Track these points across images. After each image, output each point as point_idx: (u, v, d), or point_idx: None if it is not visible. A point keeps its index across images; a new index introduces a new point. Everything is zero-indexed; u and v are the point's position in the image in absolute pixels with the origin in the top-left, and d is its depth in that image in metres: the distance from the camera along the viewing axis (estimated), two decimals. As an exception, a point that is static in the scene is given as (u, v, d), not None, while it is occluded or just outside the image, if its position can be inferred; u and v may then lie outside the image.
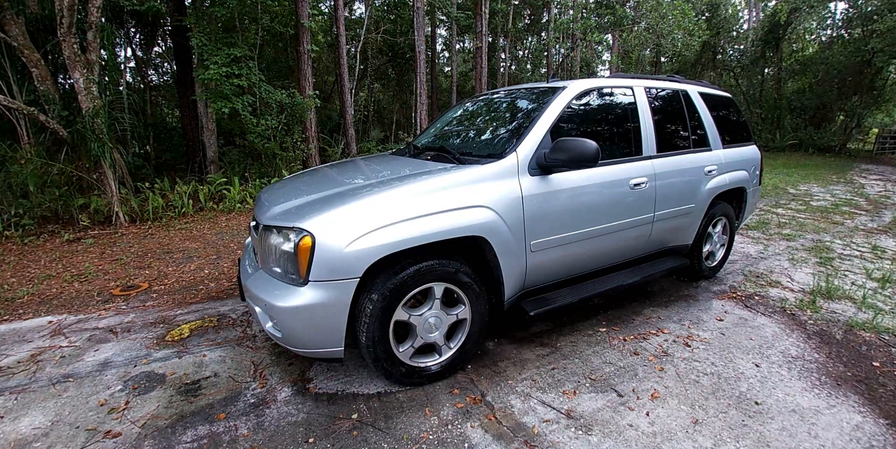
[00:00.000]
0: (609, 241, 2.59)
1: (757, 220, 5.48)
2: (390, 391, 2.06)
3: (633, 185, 2.61)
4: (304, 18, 7.76)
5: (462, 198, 2.00)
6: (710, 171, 3.11)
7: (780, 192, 7.71)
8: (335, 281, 1.74)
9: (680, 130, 3.04)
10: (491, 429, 1.82)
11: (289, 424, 1.86)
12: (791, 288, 3.35)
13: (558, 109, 2.38)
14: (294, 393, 2.08)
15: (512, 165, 2.17)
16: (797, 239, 4.69)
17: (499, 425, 1.84)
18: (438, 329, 2.05)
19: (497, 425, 1.84)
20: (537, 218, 2.20)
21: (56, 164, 5.60)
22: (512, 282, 2.22)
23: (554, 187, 2.27)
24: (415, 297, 2.01)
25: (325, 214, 1.82)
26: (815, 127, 14.05)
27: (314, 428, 1.84)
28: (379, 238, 1.78)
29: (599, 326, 2.72)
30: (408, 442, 1.75)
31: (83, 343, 2.78)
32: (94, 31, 5.81)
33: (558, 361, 2.32)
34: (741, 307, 3.01)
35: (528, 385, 2.11)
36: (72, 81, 5.63)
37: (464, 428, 1.82)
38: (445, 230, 1.90)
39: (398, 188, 1.98)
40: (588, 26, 9.45)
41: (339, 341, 1.83)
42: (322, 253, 1.72)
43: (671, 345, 2.48)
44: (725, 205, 3.41)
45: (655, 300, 3.14)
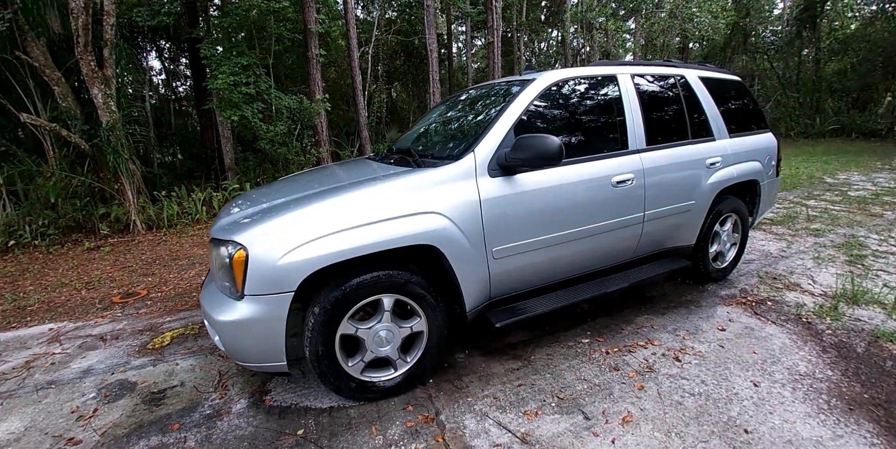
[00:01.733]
0: (589, 244, 2.35)
1: (783, 214, 4.99)
2: (343, 406, 1.96)
3: (617, 183, 2.35)
4: (311, 24, 7.77)
5: (410, 204, 1.86)
6: (712, 163, 2.79)
7: (815, 181, 7.04)
8: (269, 295, 1.67)
9: (675, 120, 2.73)
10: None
11: (235, 437, 1.81)
12: (811, 291, 2.97)
13: (524, 104, 2.17)
14: (249, 405, 2.03)
15: (468, 167, 2.00)
16: (826, 234, 4.20)
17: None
18: (391, 343, 1.93)
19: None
20: (499, 223, 2.02)
21: (77, 176, 5.84)
22: (474, 292, 2.05)
23: (519, 189, 2.07)
24: (364, 309, 1.90)
25: (260, 226, 1.74)
26: (859, 110, 12.80)
27: (258, 443, 1.77)
28: (314, 250, 1.68)
29: (582, 337, 2.48)
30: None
31: (74, 350, 2.85)
32: (109, 49, 6.01)
33: (528, 377, 2.12)
34: (749, 314, 2.68)
35: (488, 403, 1.93)
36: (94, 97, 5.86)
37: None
38: (389, 240, 1.77)
39: (340, 196, 1.86)
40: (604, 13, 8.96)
41: (280, 356, 1.77)
42: (255, 266, 1.65)
43: (659, 359, 2.21)
44: (735, 200, 3.06)
45: (652, 306, 2.85)
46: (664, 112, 2.70)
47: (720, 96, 3.03)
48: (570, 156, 2.28)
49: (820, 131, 12.83)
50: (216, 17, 6.58)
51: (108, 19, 5.98)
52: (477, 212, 1.96)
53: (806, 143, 12.48)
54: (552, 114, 2.33)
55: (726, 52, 13.84)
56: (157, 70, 11.93)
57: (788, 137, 13.38)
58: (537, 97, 2.23)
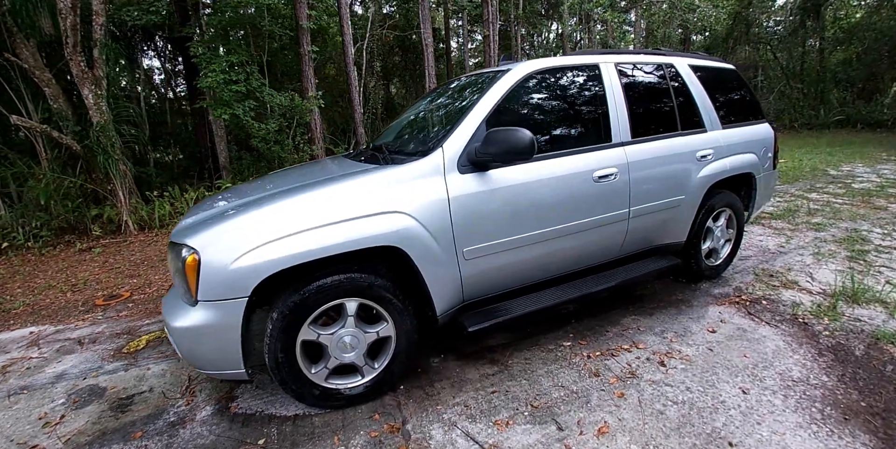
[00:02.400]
0: (570, 243, 2.21)
1: (784, 208, 4.81)
2: (308, 414, 1.88)
3: (599, 178, 2.22)
4: (302, 20, 7.63)
5: (373, 204, 1.75)
6: (703, 156, 2.64)
7: (818, 173, 6.82)
8: (222, 301, 1.59)
9: (663, 111, 2.58)
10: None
11: (195, 446, 1.74)
12: (809, 289, 2.82)
13: (496, 97, 2.04)
14: (214, 412, 1.96)
15: (436, 163, 1.88)
16: (828, 228, 4.03)
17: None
18: (356, 349, 1.83)
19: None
20: (470, 222, 1.90)
21: (67, 177, 5.78)
22: (444, 294, 1.93)
23: (492, 185, 1.94)
24: (328, 314, 1.80)
25: (213, 229, 1.66)
26: (865, 100, 12.43)
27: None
28: (267, 253, 1.59)
29: (564, 339, 2.36)
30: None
31: (51, 354, 2.80)
32: (99, 49, 5.92)
33: (503, 383, 2.00)
34: (742, 314, 2.54)
35: (458, 411, 1.82)
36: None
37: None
38: (348, 242, 1.67)
39: (296, 197, 1.75)
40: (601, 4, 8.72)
41: (238, 364, 1.68)
42: (207, 271, 1.57)
43: (642, 364, 2.08)
44: (729, 194, 2.91)
45: (641, 306, 2.72)
46: (651, 103, 2.55)
47: (713, 86, 2.87)
48: (549, 150, 2.17)
49: (824, 122, 12.51)
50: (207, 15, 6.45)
51: (98, 19, 5.88)
52: (445, 210, 1.85)
53: (810, 134, 12.17)
54: (529, 106, 2.20)
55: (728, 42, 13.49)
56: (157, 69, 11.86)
57: (792, 129, 13.07)
58: (512, 89, 2.10)
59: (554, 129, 2.24)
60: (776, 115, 13.35)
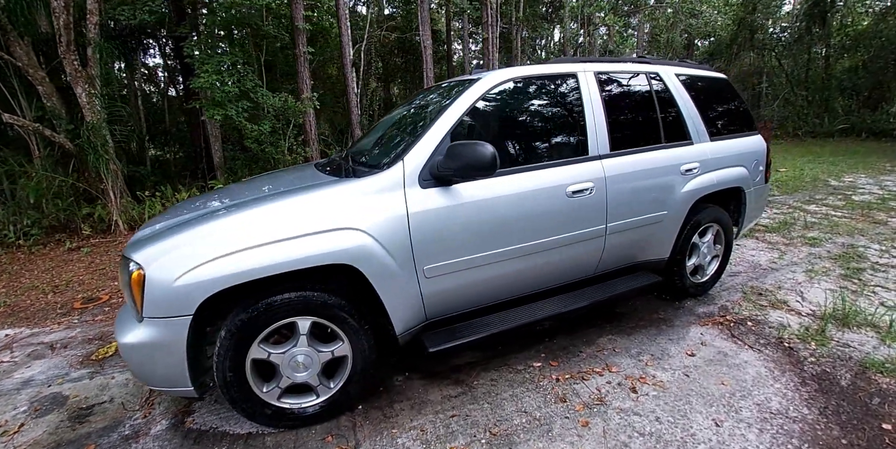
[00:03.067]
0: (541, 260, 2.11)
1: (780, 221, 4.66)
2: (262, 433, 1.82)
3: (573, 193, 2.11)
4: (298, 21, 7.55)
5: (326, 219, 1.68)
6: (689, 169, 2.51)
7: (818, 184, 6.65)
8: (166, 319, 1.54)
9: (646, 122, 2.46)
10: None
11: None
12: (798, 310, 2.68)
13: (462, 108, 1.94)
14: (169, 427, 1.91)
15: (396, 178, 1.79)
16: (823, 244, 3.88)
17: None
18: (309, 368, 1.76)
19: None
20: (431, 238, 1.81)
21: (59, 176, 5.73)
22: (405, 313, 1.84)
23: (456, 201, 1.85)
24: (281, 332, 1.73)
25: (159, 244, 1.60)
26: (871, 109, 12.18)
27: None
28: (212, 270, 1.53)
29: (535, 359, 2.25)
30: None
31: (22, 359, 2.77)
32: (93, 47, 5.87)
33: (464, 406, 1.90)
34: (725, 337, 2.41)
35: (413, 436, 1.74)
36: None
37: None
38: (295, 260, 1.60)
39: (247, 211, 1.68)
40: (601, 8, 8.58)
41: (185, 381, 1.63)
42: (151, 288, 1.53)
43: (613, 389, 1.97)
44: (716, 209, 2.78)
45: (619, 325, 2.60)
46: (633, 113, 2.43)
47: (702, 96, 2.75)
48: (519, 163, 2.07)
49: (829, 131, 12.28)
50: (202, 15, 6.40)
51: (92, 18, 5.84)
52: (404, 227, 1.76)
53: (814, 142, 11.94)
54: (499, 117, 2.11)
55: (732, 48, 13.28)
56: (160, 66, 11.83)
57: (796, 137, 12.84)
58: (480, 99, 2.00)
59: (526, 141, 2.14)
60: (780, 123, 13.14)
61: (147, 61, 10.18)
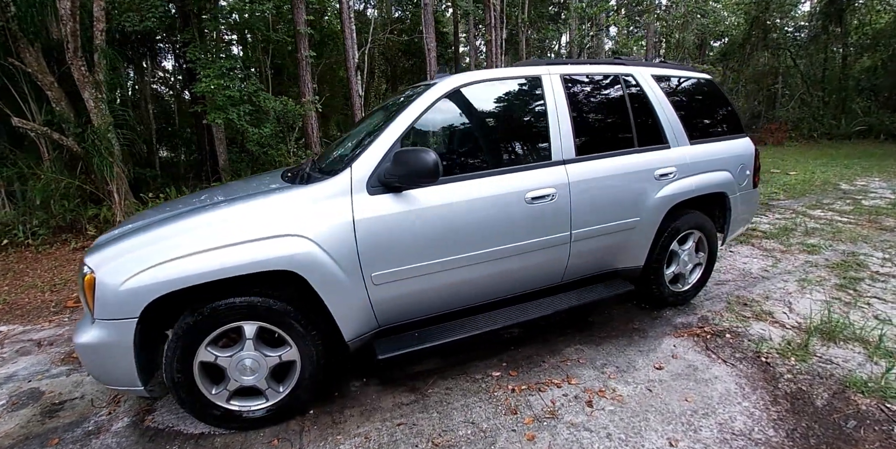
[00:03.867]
0: (499, 268, 2.03)
1: (780, 226, 4.45)
2: (213, 433, 1.83)
3: (532, 199, 2.02)
4: (300, 25, 7.60)
5: (271, 226, 1.67)
6: (664, 174, 2.39)
7: (828, 188, 6.35)
8: (114, 321, 1.59)
9: (617, 126, 2.35)
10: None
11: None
12: (783, 323, 2.53)
13: (415, 114, 1.90)
14: (129, 424, 1.96)
15: (343, 185, 1.77)
16: (823, 251, 3.68)
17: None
18: (256, 372, 1.76)
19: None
20: (379, 246, 1.77)
21: (65, 178, 5.87)
22: (354, 320, 1.81)
23: (406, 208, 1.80)
24: (229, 335, 1.74)
25: (109, 249, 1.65)
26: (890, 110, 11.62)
27: None
28: (157, 275, 1.56)
29: (495, 368, 2.17)
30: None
31: (10, 355, 2.85)
32: (99, 53, 6.01)
33: (413, 414, 1.85)
34: (699, 349, 2.28)
35: (356, 443, 1.71)
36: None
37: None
38: (239, 265, 1.60)
39: (196, 217, 1.72)
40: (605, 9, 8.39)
41: (134, 381, 1.67)
42: (101, 291, 1.57)
43: (568, 402, 1.87)
44: (698, 215, 2.65)
45: (590, 334, 2.49)
46: (603, 117, 2.33)
47: (682, 98, 2.62)
48: (477, 169, 2.02)
49: (846, 133, 11.76)
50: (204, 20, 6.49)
51: (98, 25, 5.97)
52: (350, 234, 1.73)
53: (829, 145, 11.46)
54: (456, 123, 2.06)
55: (745, 48, 12.87)
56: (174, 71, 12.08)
57: (811, 139, 12.34)
58: (435, 105, 1.95)
59: (485, 146, 2.09)
60: (795, 125, 12.65)
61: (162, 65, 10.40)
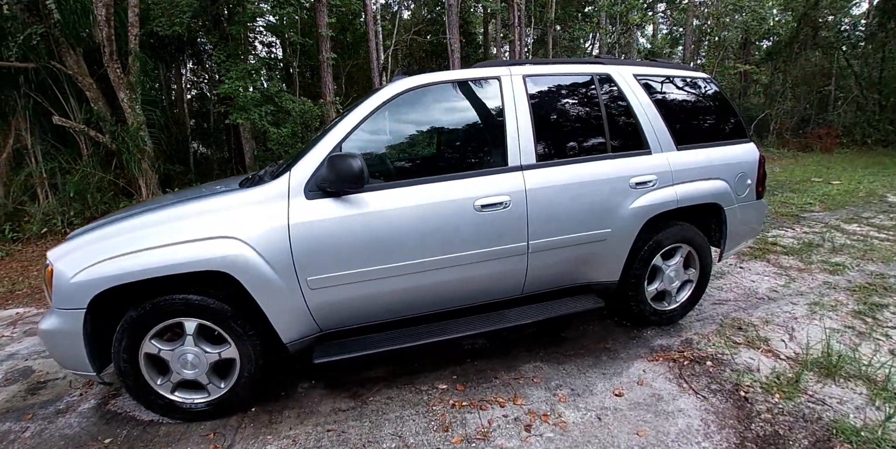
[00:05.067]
0: (446, 277, 1.91)
1: (805, 241, 4.00)
2: (161, 422, 1.90)
3: (482, 207, 1.88)
4: (322, 28, 7.73)
5: (208, 227, 1.71)
6: (641, 182, 2.16)
7: (872, 200, 5.68)
8: (66, 310, 1.69)
9: (588, 129, 2.15)
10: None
11: (60, 436, 1.87)
12: (778, 352, 2.22)
13: (358, 118, 1.84)
14: (93, 406, 2.07)
15: (281, 188, 1.75)
16: (847, 271, 3.25)
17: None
18: (197, 367, 1.81)
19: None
20: (315, 250, 1.73)
21: (98, 172, 6.25)
22: (291, 323, 1.80)
23: (344, 213, 1.75)
24: (174, 330, 1.82)
25: (67, 244, 1.77)
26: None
27: (69, 445, 1.80)
28: (102, 270, 1.64)
29: (443, 381, 2.05)
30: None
31: (18, 335, 3.10)
32: (132, 57, 6.36)
33: (346, 422, 1.81)
34: (671, 376, 2.04)
35: (283, 445, 1.70)
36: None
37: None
38: (175, 264, 1.65)
39: (142, 217, 1.78)
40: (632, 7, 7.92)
41: (87, 367, 1.75)
42: (57, 282, 1.68)
43: (506, 424, 1.72)
44: (687, 228, 2.39)
45: (556, 351, 2.30)
46: (571, 120, 2.14)
47: (672, 99, 2.38)
48: (426, 174, 1.93)
49: (908, 139, 10.55)
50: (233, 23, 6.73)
51: (132, 30, 6.32)
52: (284, 238, 1.71)
53: (884, 152, 10.30)
54: (406, 127, 2.00)
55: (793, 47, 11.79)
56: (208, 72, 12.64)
57: (865, 145, 11.15)
58: (382, 109, 1.88)
59: (435, 150, 1.99)
60: (847, 130, 11.49)
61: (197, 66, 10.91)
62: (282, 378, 2.16)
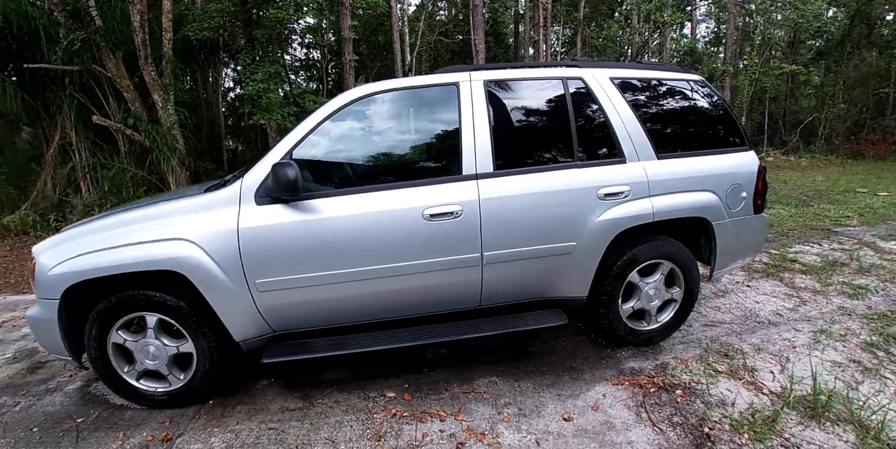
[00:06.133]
0: (395, 286, 1.87)
1: (830, 259, 3.60)
2: (129, 407, 2.01)
3: (431, 216, 1.80)
4: (344, 30, 7.84)
5: (165, 229, 1.79)
6: (611, 193, 2.00)
7: (922, 216, 5.05)
8: (45, 300, 1.82)
9: (553, 137, 2.01)
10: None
11: (43, 412, 2.01)
12: (762, 385, 1.99)
13: (309, 126, 1.86)
14: (78, 388, 2.20)
15: (233, 194, 1.80)
16: (869, 296, 2.88)
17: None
18: (158, 358, 1.90)
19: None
20: (262, 254, 1.76)
21: (131, 169, 6.65)
22: (242, 323, 1.84)
23: (292, 219, 1.76)
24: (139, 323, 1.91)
25: (49, 240, 1.91)
26: None
27: (49, 421, 1.94)
28: (73, 266, 1.76)
29: (394, 390, 2.01)
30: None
31: None
32: (165, 60, 6.71)
33: (287, 422, 1.84)
34: (631, 405, 1.87)
35: (225, 439, 1.75)
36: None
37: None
38: (133, 263, 1.75)
39: (113, 218, 1.90)
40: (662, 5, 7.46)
41: (63, 352, 1.88)
42: (38, 274, 1.81)
43: (438, 439, 1.66)
44: (668, 243, 2.19)
45: (517, 367, 2.18)
46: (535, 127, 2.02)
47: (654, 103, 2.18)
48: (376, 182, 1.91)
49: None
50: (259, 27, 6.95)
51: (166, 35, 6.66)
52: (234, 241, 1.75)
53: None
54: (359, 134, 2.00)
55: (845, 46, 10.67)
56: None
57: (927, 154, 9.99)
58: (335, 116, 1.87)
59: (387, 158, 1.99)
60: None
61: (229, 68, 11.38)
62: (243, 375, 2.18)
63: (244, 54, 6.93)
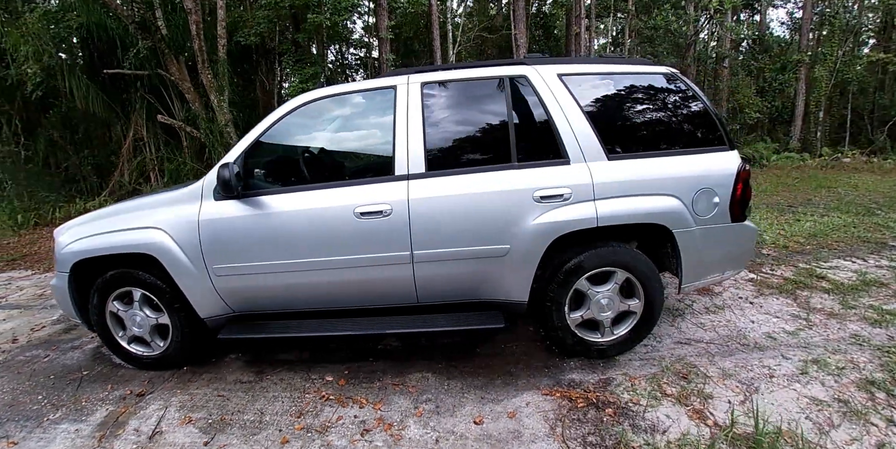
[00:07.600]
0: (335, 278, 1.98)
1: (867, 278, 3.07)
2: (123, 366, 2.35)
3: (361, 214, 1.86)
4: (381, 31, 8.04)
5: (145, 219, 2.06)
6: (547, 196, 1.88)
7: None
8: (60, 273, 2.18)
9: (489, 137, 1.94)
10: (108, 417, 1.92)
11: (62, 364, 2.43)
12: (709, 416, 1.77)
13: (261, 129, 2.02)
14: (95, 347, 2.60)
15: (197, 190, 2.03)
16: (894, 324, 2.43)
17: (111, 420, 1.90)
18: (142, 327, 2.19)
19: (112, 418, 1.91)
20: (216, 243, 1.98)
21: (189, 162, 7.41)
22: (205, 303, 2.08)
23: (239, 213, 1.96)
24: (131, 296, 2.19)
25: (67, 223, 2.31)
26: None
27: (63, 370, 2.36)
28: (77, 246, 2.11)
29: (334, 374, 2.14)
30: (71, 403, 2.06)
31: None
32: (220, 64, 7.36)
33: (234, 392, 2.06)
34: (551, 417, 1.77)
35: (182, 400, 2.00)
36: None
37: (101, 409, 1.98)
38: (117, 246, 2.05)
39: (115, 207, 2.26)
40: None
41: (74, 315, 2.25)
42: (56, 251, 2.20)
43: (349, 424, 1.78)
44: (623, 251, 2.03)
45: (455, 365, 2.16)
46: (472, 127, 1.96)
47: (611, 101, 2.01)
48: (318, 181, 2.06)
49: None
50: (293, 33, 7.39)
51: (221, 41, 7.30)
52: (195, 231, 1.99)
53: None
54: (300, 137, 2.16)
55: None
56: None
57: None
58: (281, 120, 2.02)
59: (327, 159, 2.15)
60: None
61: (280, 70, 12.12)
62: (217, 348, 2.41)
63: (286, 58, 7.39)
